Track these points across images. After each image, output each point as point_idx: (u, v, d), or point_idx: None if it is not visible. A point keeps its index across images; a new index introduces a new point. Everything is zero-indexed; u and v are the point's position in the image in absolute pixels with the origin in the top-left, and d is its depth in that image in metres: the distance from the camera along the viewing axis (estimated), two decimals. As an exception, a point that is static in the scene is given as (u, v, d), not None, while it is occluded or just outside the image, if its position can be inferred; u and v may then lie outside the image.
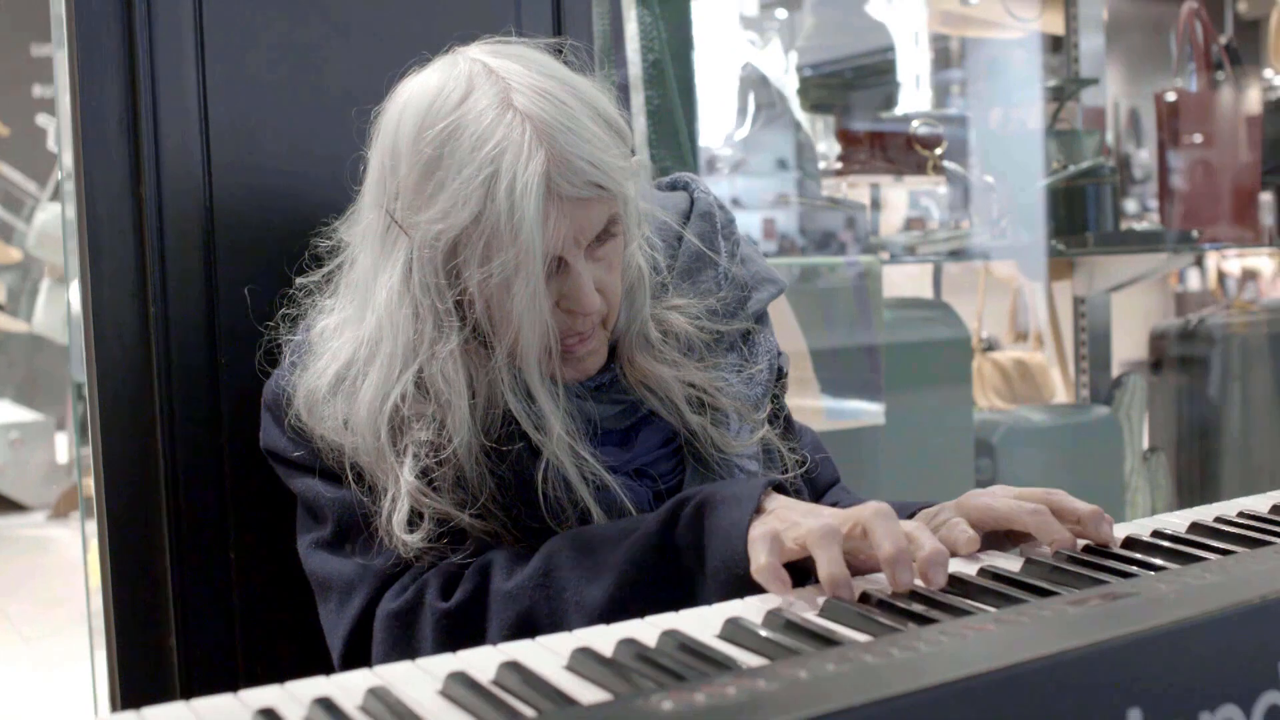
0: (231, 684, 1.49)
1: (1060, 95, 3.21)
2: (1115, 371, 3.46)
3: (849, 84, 2.98)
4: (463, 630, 1.12)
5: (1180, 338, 3.48)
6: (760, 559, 0.99)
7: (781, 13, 6.43)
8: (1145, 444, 3.41)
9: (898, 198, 4.82)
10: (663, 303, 1.29)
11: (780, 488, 1.10)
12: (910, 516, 1.16)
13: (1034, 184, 2.97)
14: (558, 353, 1.17)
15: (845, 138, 2.90)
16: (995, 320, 4.49)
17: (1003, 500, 1.11)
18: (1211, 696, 0.77)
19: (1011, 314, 3.49)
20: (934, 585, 0.96)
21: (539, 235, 1.10)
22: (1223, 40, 3.36)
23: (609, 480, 1.19)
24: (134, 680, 1.49)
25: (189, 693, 1.46)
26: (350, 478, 1.20)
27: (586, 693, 0.77)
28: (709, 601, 1.01)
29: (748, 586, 1.01)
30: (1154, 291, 8.53)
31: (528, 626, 1.09)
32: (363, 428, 1.17)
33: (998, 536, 1.13)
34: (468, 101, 1.12)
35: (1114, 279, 3.28)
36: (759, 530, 1.02)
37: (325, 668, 0.90)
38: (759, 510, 1.05)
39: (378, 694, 0.76)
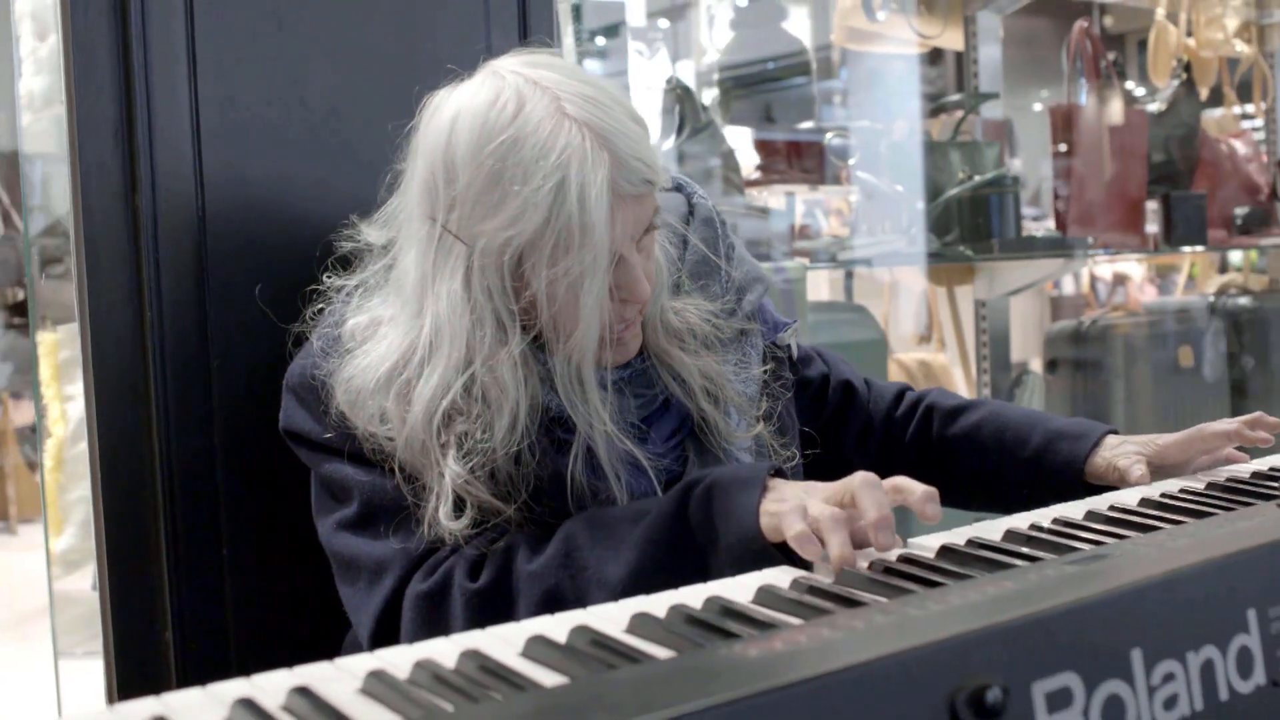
0: (225, 675, 1.54)
1: (963, 108, 3.38)
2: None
3: (768, 96, 3.11)
4: (493, 608, 1.19)
5: (1073, 338, 3.67)
6: (796, 527, 1.08)
7: (664, 23, 6.56)
8: (1042, 439, 3.59)
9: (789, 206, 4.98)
10: (679, 300, 1.38)
11: (779, 472, 1.21)
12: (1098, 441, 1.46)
13: (915, 193, 3.12)
14: (611, 341, 1.26)
15: (763, 148, 3.02)
16: (893, 323, 4.67)
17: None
18: (1195, 639, 0.88)
19: (916, 317, 3.66)
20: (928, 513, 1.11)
21: (608, 235, 1.18)
22: (1110, 56, 3.56)
23: (644, 462, 1.29)
24: (131, 673, 1.53)
25: (185, 684, 1.52)
26: (389, 466, 1.27)
27: (654, 650, 0.86)
28: (721, 575, 1.11)
29: (760, 559, 1.10)
30: (1031, 296, 8.83)
31: (554, 603, 1.17)
32: (415, 424, 1.23)
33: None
34: (523, 113, 1.19)
35: (1013, 283, 3.45)
36: (772, 508, 1.13)
37: (315, 658, 0.94)
38: (764, 490, 1.16)
39: (471, 656, 0.84)
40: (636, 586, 1.13)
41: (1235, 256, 5.27)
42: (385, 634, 1.25)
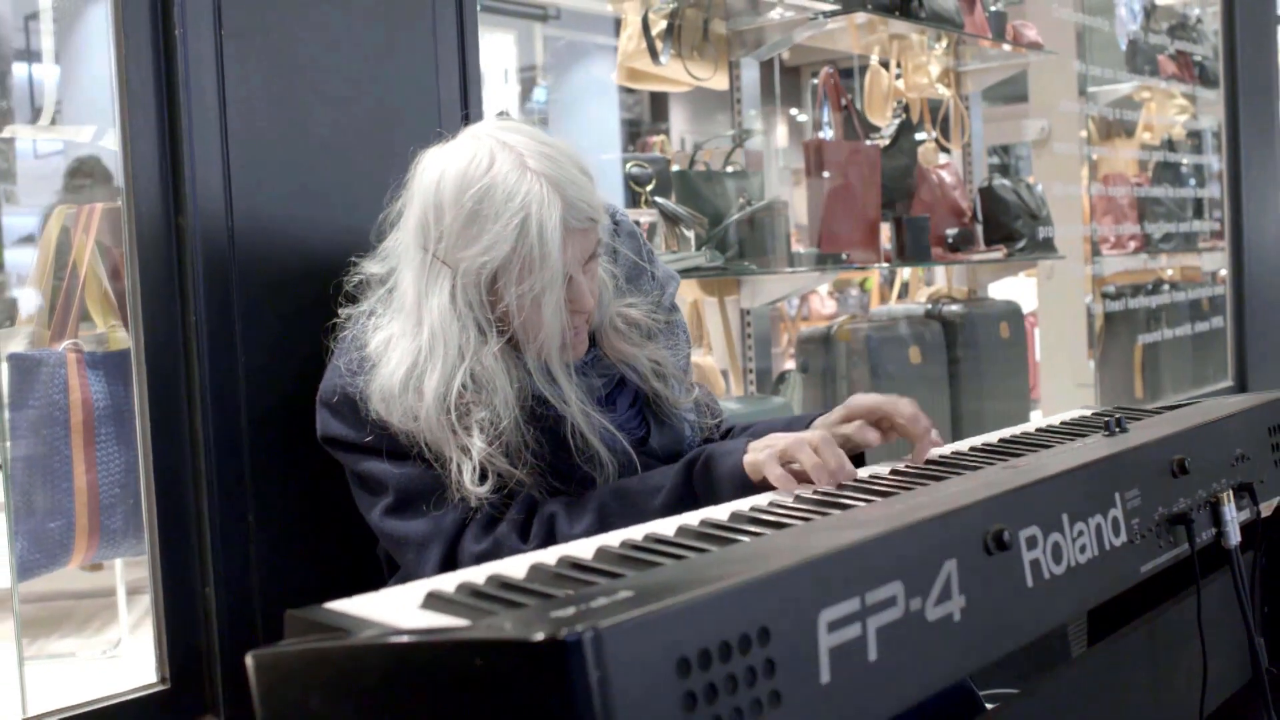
0: (252, 625, 1.83)
1: (734, 142, 3.87)
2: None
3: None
4: None
5: (822, 341, 4.22)
6: (775, 471, 1.49)
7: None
8: (800, 429, 4.12)
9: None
10: (622, 302, 1.76)
11: (753, 437, 1.61)
12: (809, 424, 1.69)
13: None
14: (569, 342, 1.62)
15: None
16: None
17: (875, 398, 1.65)
18: (1090, 510, 1.36)
19: (691, 324, 4.13)
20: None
21: (560, 259, 1.54)
22: (849, 97, 4.14)
23: (612, 428, 1.66)
24: (179, 623, 1.80)
25: (222, 632, 1.79)
26: (422, 454, 1.57)
27: (744, 531, 1.25)
28: None
29: None
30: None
31: None
32: (430, 412, 1.55)
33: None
34: (494, 167, 1.53)
35: (774, 294, 3.97)
36: (752, 460, 1.52)
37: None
38: (745, 452, 1.55)
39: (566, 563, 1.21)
40: None
41: (905, 272, 6.04)
42: None
